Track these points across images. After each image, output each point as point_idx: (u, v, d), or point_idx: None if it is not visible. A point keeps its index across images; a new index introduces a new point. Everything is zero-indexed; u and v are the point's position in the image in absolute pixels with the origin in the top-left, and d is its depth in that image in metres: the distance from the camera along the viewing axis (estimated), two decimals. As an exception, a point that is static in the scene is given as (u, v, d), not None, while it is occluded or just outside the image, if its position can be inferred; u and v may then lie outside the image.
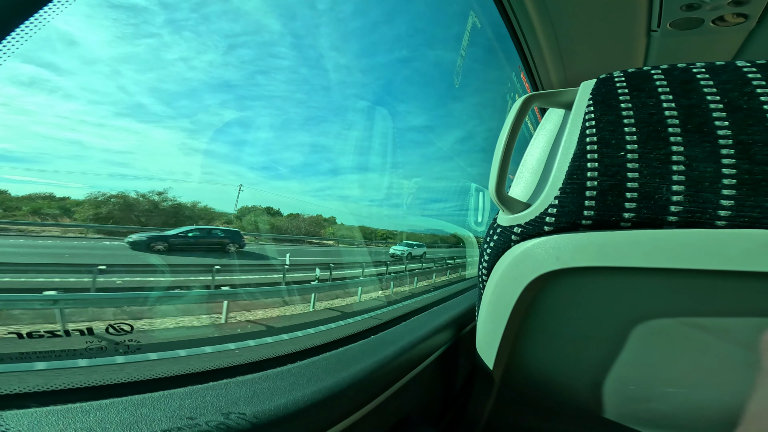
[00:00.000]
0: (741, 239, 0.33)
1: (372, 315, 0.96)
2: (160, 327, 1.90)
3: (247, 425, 0.32)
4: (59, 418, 0.28)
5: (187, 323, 2.08)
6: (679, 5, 0.94)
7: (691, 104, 0.37)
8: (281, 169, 5.47)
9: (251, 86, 6.64)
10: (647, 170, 0.36)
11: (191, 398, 0.34)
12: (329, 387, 0.42)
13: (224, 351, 1.19)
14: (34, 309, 1.35)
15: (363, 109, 3.66)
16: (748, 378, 0.40)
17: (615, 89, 0.41)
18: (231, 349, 1.16)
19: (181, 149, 5.34)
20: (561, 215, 0.40)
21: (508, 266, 0.45)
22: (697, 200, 0.35)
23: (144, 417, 0.30)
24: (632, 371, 0.46)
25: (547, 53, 1.19)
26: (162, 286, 2.36)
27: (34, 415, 0.28)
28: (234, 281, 3.21)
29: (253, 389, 0.38)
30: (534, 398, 0.57)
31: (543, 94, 0.49)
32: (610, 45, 1.14)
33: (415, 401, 0.63)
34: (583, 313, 0.44)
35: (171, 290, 2.31)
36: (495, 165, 0.47)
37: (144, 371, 0.37)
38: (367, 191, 4.09)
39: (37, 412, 0.28)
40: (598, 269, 0.39)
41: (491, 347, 0.51)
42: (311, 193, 5.73)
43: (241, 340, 1.82)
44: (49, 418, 0.28)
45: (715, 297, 0.37)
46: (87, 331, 0.42)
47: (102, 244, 3.14)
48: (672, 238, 0.35)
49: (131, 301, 1.94)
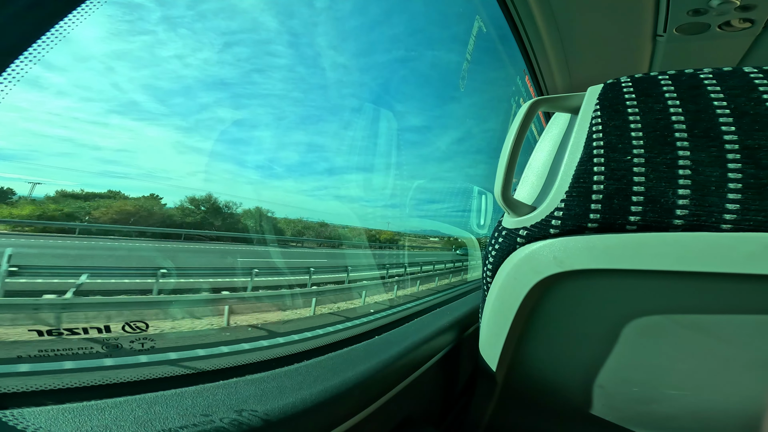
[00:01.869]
0: (746, 242, 0.33)
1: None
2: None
3: (258, 422, 0.33)
4: (76, 415, 0.28)
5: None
6: (685, 10, 0.94)
7: (698, 109, 0.37)
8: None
9: (259, 84, 6.63)
10: (653, 174, 0.37)
11: (203, 396, 0.35)
12: (336, 386, 0.42)
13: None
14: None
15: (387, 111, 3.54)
16: (752, 381, 0.41)
17: (622, 94, 0.41)
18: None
19: (176, 147, 5.32)
20: (567, 218, 0.40)
21: (513, 268, 0.45)
22: (703, 204, 0.35)
23: (158, 415, 0.31)
24: (635, 373, 0.46)
25: (553, 58, 1.19)
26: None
27: (51, 412, 0.28)
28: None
29: (262, 388, 0.39)
30: (536, 400, 0.57)
31: (549, 98, 0.49)
32: (616, 50, 1.14)
33: (418, 402, 0.64)
34: (588, 315, 0.45)
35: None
36: (501, 168, 0.48)
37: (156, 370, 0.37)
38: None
39: (54, 410, 0.29)
40: (603, 272, 0.39)
41: (494, 349, 0.51)
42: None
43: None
44: (66, 415, 0.28)
45: (719, 299, 0.38)
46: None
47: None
48: (677, 241, 0.35)
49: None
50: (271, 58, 6.74)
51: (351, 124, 3.95)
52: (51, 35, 0.29)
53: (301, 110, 5.98)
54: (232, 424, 0.32)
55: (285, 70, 6.52)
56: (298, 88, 6.56)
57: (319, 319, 2.86)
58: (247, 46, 5.95)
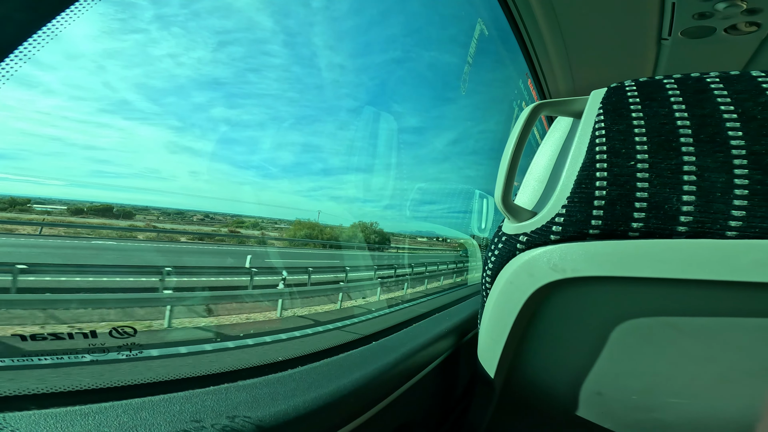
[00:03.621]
0: (751, 250, 0.33)
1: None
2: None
3: (250, 430, 0.32)
4: (58, 420, 0.28)
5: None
6: (691, 14, 0.93)
7: (704, 114, 0.36)
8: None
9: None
10: (657, 180, 0.36)
11: (192, 402, 0.34)
12: (330, 393, 0.42)
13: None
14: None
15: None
16: (754, 389, 0.40)
17: (626, 98, 0.41)
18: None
19: (169, 147, 5.35)
20: (568, 224, 0.40)
21: (513, 274, 0.44)
22: (708, 210, 0.34)
23: (144, 421, 0.30)
24: (636, 381, 0.45)
25: (556, 61, 1.19)
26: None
27: (32, 417, 0.28)
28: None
29: (253, 394, 0.38)
30: (535, 407, 0.56)
31: (552, 102, 0.49)
32: (620, 53, 1.13)
33: (416, 409, 0.63)
34: (588, 322, 0.44)
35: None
36: (502, 173, 0.47)
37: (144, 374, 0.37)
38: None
39: (36, 415, 0.28)
40: (604, 279, 0.39)
41: (493, 355, 0.50)
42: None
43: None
44: (48, 420, 0.28)
45: (722, 307, 0.37)
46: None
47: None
48: (681, 248, 0.35)
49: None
50: (267, 58, 6.75)
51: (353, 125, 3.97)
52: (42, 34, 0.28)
53: (297, 110, 6.00)
54: (224, 429, 0.31)
55: (281, 69, 6.54)
56: (294, 88, 6.57)
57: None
58: (242, 45, 5.94)
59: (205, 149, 4.83)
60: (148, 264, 3.65)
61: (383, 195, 3.17)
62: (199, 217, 4.91)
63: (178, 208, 4.79)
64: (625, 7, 0.96)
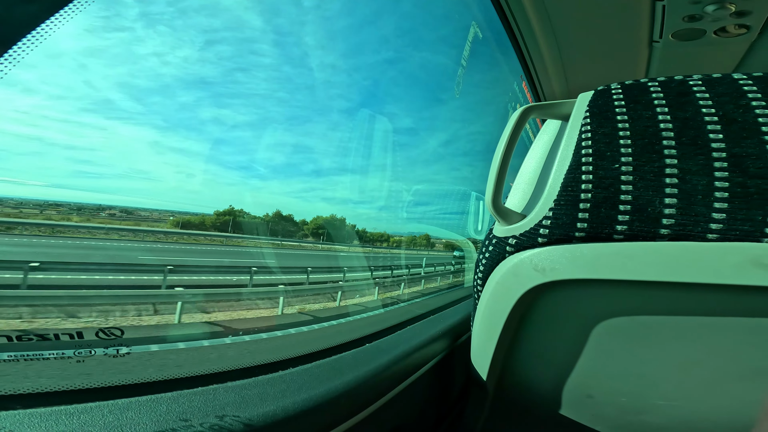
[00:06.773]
0: (731, 253, 0.33)
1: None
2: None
3: (240, 427, 0.32)
4: (43, 420, 0.28)
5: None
6: (681, 16, 0.94)
7: (687, 117, 0.37)
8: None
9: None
10: (641, 183, 0.36)
11: (178, 403, 0.34)
12: (321, 394, 0.42)
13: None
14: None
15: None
16: (741, 391, 0.40)
17: (612, 101, 0.41)
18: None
19: (153, 147, 5.33)
20: (555, 227, 0.40)
21: (503, 277, 0.44)
22: (689, 213, 0.34)
23: (129, 421, 0.30)
24: (624, 383, 0.45)
25: (550, 63, 1.20)
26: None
27: (16, 417, 0.28)
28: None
29: (242, 395, 0.38)
30: (528, 409, 0.56)
31: (541, 105, 0.49)
32: (612, 55, 1.14)
33: (409, 411, 0.63)
34: (575, 325, 0.44)
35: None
36: (492, 175, 0.47)
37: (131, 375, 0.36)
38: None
39: (20, 414, 0.28)
40: (590, 282, 0.39)
41: (485, 357, 0.51)
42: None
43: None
44: (32, 419, 0.28)
45: (707, 310, 0.37)
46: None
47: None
48: (663, 251, 0.35)
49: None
50: (257, 57, 6.72)
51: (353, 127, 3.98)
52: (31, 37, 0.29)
53: (287, 110, 6.00)
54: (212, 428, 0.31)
55: (270, 69, 6.51)
56: (284, 87, 6.56)
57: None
58: (230, 44, 5.90)
59: (192, 149, 4.84)
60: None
61: (377, 196, 3.21)
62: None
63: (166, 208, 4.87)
64: (617, 10, 0.97)
